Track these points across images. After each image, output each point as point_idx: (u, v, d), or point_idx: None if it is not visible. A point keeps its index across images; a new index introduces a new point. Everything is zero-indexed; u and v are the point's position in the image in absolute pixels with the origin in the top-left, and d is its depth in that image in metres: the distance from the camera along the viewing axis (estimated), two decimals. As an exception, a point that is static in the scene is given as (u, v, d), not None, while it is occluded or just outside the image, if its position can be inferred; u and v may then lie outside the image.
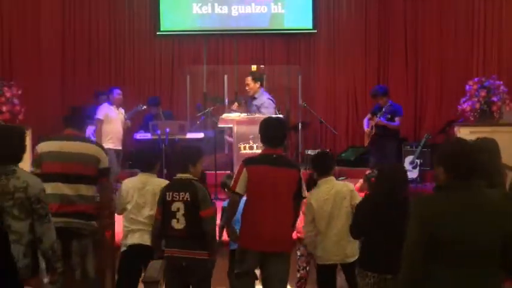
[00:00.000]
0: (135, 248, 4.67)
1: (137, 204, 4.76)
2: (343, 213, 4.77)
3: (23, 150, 3.67)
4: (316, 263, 4.84)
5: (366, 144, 9.05)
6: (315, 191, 4.83)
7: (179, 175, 4.55)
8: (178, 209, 4.38)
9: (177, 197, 4.40)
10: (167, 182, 4.74)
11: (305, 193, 4.55)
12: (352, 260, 4.73)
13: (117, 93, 8.92)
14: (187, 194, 4.40)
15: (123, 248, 4.82)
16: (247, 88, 8.01)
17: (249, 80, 7.98)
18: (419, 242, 2.87)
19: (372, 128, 8.68)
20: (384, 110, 8.54)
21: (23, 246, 3.48)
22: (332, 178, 4.92)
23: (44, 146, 4.47)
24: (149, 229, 4.65)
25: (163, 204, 4.45)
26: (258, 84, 7.96)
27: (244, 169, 4.38)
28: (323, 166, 4.90)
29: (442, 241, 2.83)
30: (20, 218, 3.46)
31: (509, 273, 2.97)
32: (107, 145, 8.37)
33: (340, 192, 4.79)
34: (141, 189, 4.78)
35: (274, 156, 4.42)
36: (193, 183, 4.50)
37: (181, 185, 4.47)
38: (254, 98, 7.90)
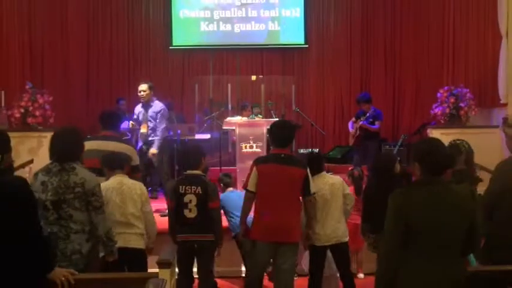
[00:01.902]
0: (119, 252, 3.88)
1: (116, 204, 4.26)
2: (338, 201, 4.83)
3: (80, 149, 3.69)
4: (313, 244, 4.79)
5: (350, 143, 9.10)
6: (312, 185, 4.84)
7: (189, 171, 4.58)
8: (190, 201, 4.44)
9: (190, 190, 4.46)
10: (138, 182, 4.46)
11: (313, 189, 4.42)
12: (344, 240, 4.82)
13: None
14: (199, 188, 4.47)
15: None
16: (142, 94, 7.39)
17: (144, 87, 7.42)
18: (395, 231, 2.88)
19: (356, 130, 8.71)
20: (368, 114, 8.58)
21: (85, 234, 3.52)
22: (324, 173, 4.95)
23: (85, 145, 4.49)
24: (132, 231, 4.28)
25: (176, 196, 4.48)
26: (152, 93, 7.48)
27: (255, 168, 4.32)
28: (317, 165, 4.89)
29: (414, 231, 2.84)
30: (81, 210, 3.50)
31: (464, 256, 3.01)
32: None
33: (335, 184, 4.85)
34: (118, 189, 4.30)
35: (283, 155, 4.33)
36: (203, 178, 4.59)
37: (193, 180, 4.51)
38: (150, 106, 7.43)
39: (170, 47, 11.15)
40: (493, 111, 8.63)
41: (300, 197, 4.40)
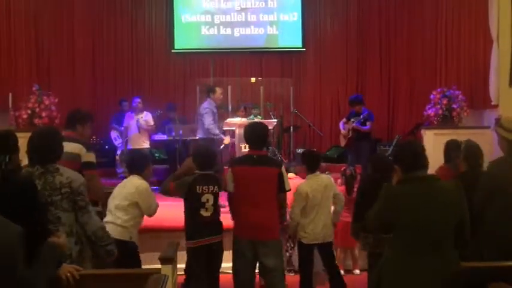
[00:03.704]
0: None
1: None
2: (328, 201, 4.83)
3: (61, 149, 3.51)
4: (302, 242, 4.79)
5: (342, 145, 9.11)
6: (307, 183, 4.81)
7: (205, 171, 4.46)
8: (207, 200, 4.36)
9: (207, 189, 4.37)
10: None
11: (288, 186, 4.32)
12: (329, 240, 4.83)
13: (136, 102, 8.96)
14: (216, 187, 4.42)
15: None
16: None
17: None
18: (378, 216, 3.01)
19: (348, 131, 8.72)
20: (361, 116, 8.58)
21: (73, 237, 3.37)
22: (319, 173, 4.91)
23: None
24: (118, 221, 4.31)
25: (192, 196, 4.36)
26: None
27: (230, 170, 4.33)
28: (312, 164, 4.89)
29: (400, 225, 2.85)
30: (69, 211, 3.35)
31: (461, 252, 3.00)
32: (134, 146, 8.53)
33: (328, 185, 4.83)
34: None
35: (255, 156, 4.26)
36: (217, 176, 4.53)
37: (208, 179, 4.41)
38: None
39: (172, 51, 11.16)
40: (484, 113, 8.62)
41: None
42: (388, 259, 2.95)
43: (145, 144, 8.86)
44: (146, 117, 8.97)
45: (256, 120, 6.40)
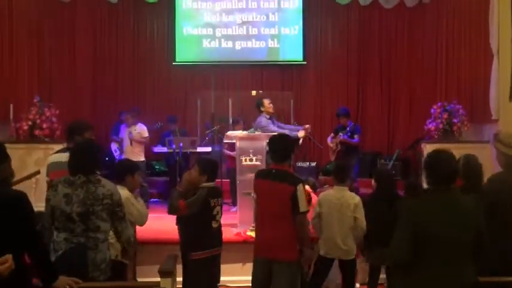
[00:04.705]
0: None
1: None
2: (347, 219, 4.72)
3: (100, 161, 3.75)
4: (318, 254, 4.77)
5: (332, 159, 9.10)
6: (328, 193, 4.84)
7: (210, 184, 4.48)
8: (217, 212, 4.42)
9: (217, 202, 4.43)
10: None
11: (303, 208, 3.92)
12: (349, 258, 4.75)
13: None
14: (221, 199, 4.51)
15: None
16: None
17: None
18: (404, 238, 2.90)
19: (337, 145, 8.74)
20: (348, 129, 8.63)
21: (107, 242, 3.57)
22: (345, 188, 4.83)
23: (51, 158, 4.64)
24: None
25: (206, 209, 4.35)
26: None
27: (254, 182, 4.27)
28: (341, 176, 4.87)
29: (424, 239, 2.85)
30: (107, 220, 3.50)
31: (479, 265, 3.00)
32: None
33: (346, 202, 4.73)
34: None
35: (274, 171, 4.08)
36: (221, 188, 4.64)
37: (217, 192, 4.51)
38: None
39: (173, 63, 11.17)
40: (484, 127, 8.64)
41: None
42: (411, 270, 2.93)
43: (141, 157, 8.65)
44: (139, 129, 8.91)
45: (281, 132, 6.15)
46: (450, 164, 3.01)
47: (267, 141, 4.37)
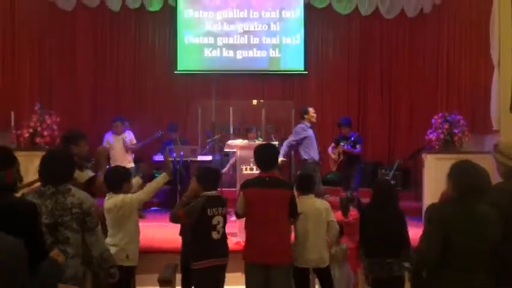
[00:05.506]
0: None
1: None
2: (321, 225, 4.72)
3: (73, 170, 3.56)
4: (295, 266, 4.68)
5: (333, 169, 9.11)
6: (300, 205, 4.75)
7: (212, 192, 4.40)
8: (218, 222, 4.29)
9: (217, 212, 4.29)
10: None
11: (299, 209, 4.35)
12: (324, 265, 4.72)
13: (114, 124, 8.94)
14: (224, 208, 4.37)
15: None
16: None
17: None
18: (433, 247, 2.98)
19: (339, 155, 8.76)
20: (352, 139, 8.66)
21: (80, 258, 3.38)
22: (312, 196, 4.83)
23: None
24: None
25: (203, 219, 4.25)
26: None
27: (241, 192, 4.27)
28: (306, 185, 4.85)
29: (451, 245, 2.93)
30: (77, 231, 3.36)
31: (497, 276, 3.04)
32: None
33: (318, 209, 4.72)
34: None
35: (267, 179, 4.22)
36: (224, 198, 4.50)
37: (218, 201, 4.36)
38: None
39: (175, 72, 11.21)
40: (485, 138, 8.64)
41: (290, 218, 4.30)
42: (435, 277, 2.98)
43: (131, 163, 8.64)
44: (130, 137, 8.97)
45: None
46: (471, 175, 3.09)
47: (253, 150, 4.49)
